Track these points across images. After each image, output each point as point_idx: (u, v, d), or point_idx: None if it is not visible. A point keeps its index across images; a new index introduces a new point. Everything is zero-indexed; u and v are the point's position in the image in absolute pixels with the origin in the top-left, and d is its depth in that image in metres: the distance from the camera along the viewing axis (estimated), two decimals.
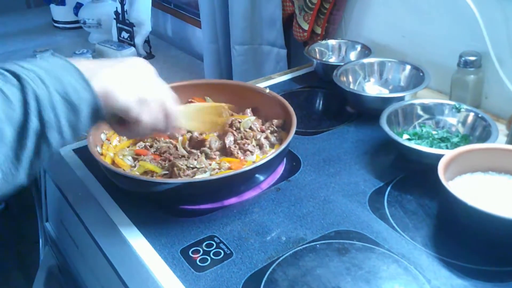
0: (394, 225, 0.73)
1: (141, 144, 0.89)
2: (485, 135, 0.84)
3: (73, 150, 0.93)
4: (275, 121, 0.91)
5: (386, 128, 0.86)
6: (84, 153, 0.90)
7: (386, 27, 1.21)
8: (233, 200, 0.79)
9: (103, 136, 0.88)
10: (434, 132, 0.89)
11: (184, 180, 0.76)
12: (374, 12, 1.24)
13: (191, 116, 0.79)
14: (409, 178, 0.84)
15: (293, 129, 0.83)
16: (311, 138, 0.97)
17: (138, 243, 0.72)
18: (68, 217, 0.87)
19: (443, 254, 0.68)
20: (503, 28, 0.96)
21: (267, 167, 0.81)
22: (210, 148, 0.85)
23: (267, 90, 0.95)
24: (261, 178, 0.81)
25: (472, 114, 0.90)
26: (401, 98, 0.96)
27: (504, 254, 0.68)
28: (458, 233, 0.71)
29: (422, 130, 0.90)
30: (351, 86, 1.09)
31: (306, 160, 0.89)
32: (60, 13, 2.25)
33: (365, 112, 1.03)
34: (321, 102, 1.15)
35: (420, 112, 0.93)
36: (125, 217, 0.77)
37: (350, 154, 0.91)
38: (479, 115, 0.89)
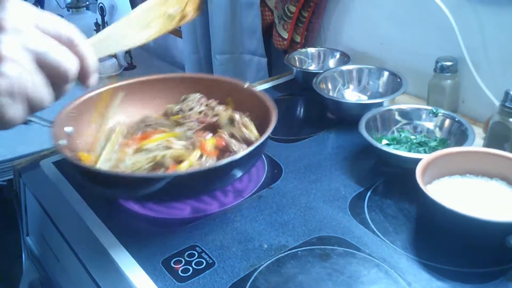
0: (375, 229, 0.74)
1: None
2: (462, 138, 0.86)
3: (53, 163, 0.92)
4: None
5: (365, 134, 0.87)
6: (63, 166, 0.90)
7: (364, 35, 1.23)
8: (214, 208, 0.79)
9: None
10: (412, 137, 0.91)
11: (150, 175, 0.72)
12: (352, 20, 1.25)
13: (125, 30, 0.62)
14: (389, 182, 0.85)
15: (273, 122, 0.79)
16: (292, 145, 0.97)
17: (120, 255, 0.71)
18: (48, 231, 0.86)
19: (423, 257, 0.69)
20: (478, 33, 0.98)
21: (245, 163, 0.77)
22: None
23: (246, 85, 0.92)
24: (237, 174, 0.78)
25: (449, 118, 0.91)
26: (380, 104, 0.97)
27: (482, 256, 0.69)
28: (437, 236, 0.72)
29: (400, 135, 0.91)
30: (331, 93, 1.10)
31: (288, 167, 0.90)
32: None
33: (345, 118, 1.04)
34: (301, 110, 1.16)
35: (398, 117, 0.94)
36: (106, 229, 0.76)
37: (331, 160, 0.92)
38: (456, 119, 0.90)
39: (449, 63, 0.99)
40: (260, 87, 1.23)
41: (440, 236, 0.72)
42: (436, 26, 1.04)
